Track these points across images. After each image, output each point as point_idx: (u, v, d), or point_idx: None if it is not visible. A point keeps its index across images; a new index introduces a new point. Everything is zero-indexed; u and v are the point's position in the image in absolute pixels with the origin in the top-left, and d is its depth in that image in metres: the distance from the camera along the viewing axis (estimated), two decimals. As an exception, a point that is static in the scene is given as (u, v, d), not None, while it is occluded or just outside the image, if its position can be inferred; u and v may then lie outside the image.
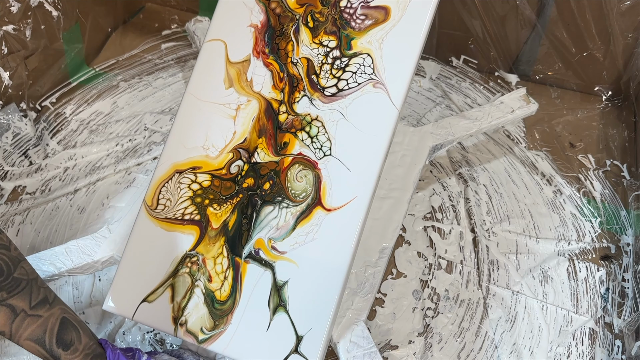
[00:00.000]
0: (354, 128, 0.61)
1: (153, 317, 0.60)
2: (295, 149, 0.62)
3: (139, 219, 0.63)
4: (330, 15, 0.64)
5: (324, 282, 0.59)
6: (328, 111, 0.62)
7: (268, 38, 0.65)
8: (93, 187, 0.87)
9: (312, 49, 0.64)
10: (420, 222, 0.83)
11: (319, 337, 0.57)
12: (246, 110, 0.64)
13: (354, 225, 0.59)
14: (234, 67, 0.65)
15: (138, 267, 0.62)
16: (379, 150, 0.60)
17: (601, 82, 1.00)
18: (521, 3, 0.95)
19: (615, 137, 0.95)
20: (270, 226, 0.62)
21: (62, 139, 0.93)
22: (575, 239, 0.81)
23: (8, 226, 0.81)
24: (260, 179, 0.62)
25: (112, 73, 1.05)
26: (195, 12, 1.16)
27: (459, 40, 1.03)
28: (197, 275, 0.61)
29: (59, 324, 0.51)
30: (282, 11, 0.66)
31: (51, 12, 0.95)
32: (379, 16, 0.63)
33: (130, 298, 0.61)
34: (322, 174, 0.61)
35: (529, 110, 0.85)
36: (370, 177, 0.60)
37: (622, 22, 0.92)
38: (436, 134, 0.80)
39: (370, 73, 0.62)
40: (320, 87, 0.63)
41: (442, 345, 0.71)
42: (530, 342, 0.71)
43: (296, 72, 0.64)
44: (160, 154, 0.65)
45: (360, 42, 0.63)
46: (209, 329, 0.59)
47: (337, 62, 0.63)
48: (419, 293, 0.75)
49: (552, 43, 0.98)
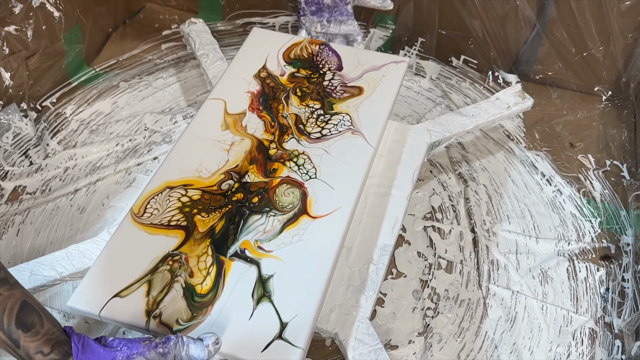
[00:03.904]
0: (336, 160, 0.70)
1: (123, 312, 0.56)
2: (284, 174, 0.68)
3: (123, 224, 0.63)
4: (315, 89, 0.79)
5: (310, 275, 0.59)
6: (313, 149, 0.71)
7: (262, 100, 0.77)
8: (93, 187, 0.87)
9: (300, 109, 0.76)
10: (420, 222, 0.83)
11: (305, 323, 0.56)
12: (239, 145, 0.71)
13: (338, 228, 0.63)
14: (231, 117, 0.75)
15: (113, 266, 0.59)
16: (359, 173, 0.69)
17: (601, 82, 1.00)
18: (521, 3, 0.95)
19: (615, 137, 0.95)
20: (258, 230, 0.63)
21: (63, 139, 0.93)
22: (575, 239, 0.81)
23: (8, 226, 0.81)
24: (250, 194, 0.66)
25: (113, 73, 1.05)
26: (195, 12, 1.16)
27: (459, 40, 1.03)
28: (178, 272, 0.59)
29: (20, 305, 0.47)
30: (275, 85, 0.80)
31: (53, 13, 0.95)
32: (354, 92, 0.79)
33: (99, 295, 0.57)
34: (308, 191, 0.67)
35: (524, 106, 0.86)
36: (352, 192, 0.67)
37: (622, 22, 0.92)
38: (434, 131, 0.80)
39: (349, 125, 0.74)
40: (306, 132, 0.73)
41: (442, 345, 0.71)
42: (530, 342, 0.71)
43: (286, 122, 0.74)
44: (153, 173, 0.69)
45: (340, 106, 0.77)
46: (186, 320, 0.56)
47: (321, 117, 0.75)
48: (419, 293, 0.75)
49: (552, 43, 0.98)
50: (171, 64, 1.07)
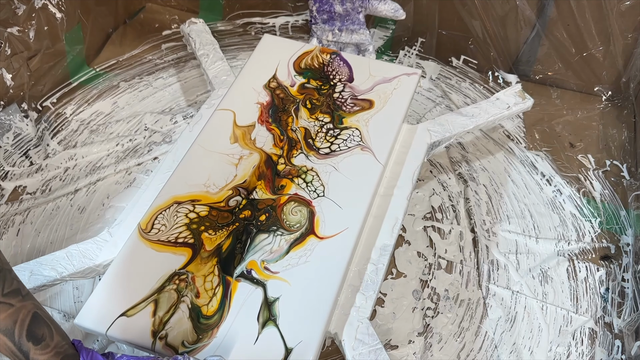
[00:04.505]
0: (344, 177, 0.70)
1: (130, 332, 0.56)
2: (292, 191, 0.68)
3: (130, 240, 0.63)
4: (325, 101, 0.78)
5: (316, 298, 0.59)
6: (322, 165, 0.71)
7: (272, 112, 0.77)
8: (93, 187, 0.87)
9: (309, 122, 0.76)
10: (420, 222, 0.83)
11: (309, 349, 0.56)
12: (248, 160, 0.71)
13: (345, 250, 0.63)
14: (240, 129, 0.75)
15: (120, 283, 0.59)
16: (367, 192, 0.69)
17: (601, 82, 1.00)
18: (521, 3, 0.95)
19: (615, 137, 0.95)
20: (264, 250, 0.63)
21: (63, 139, 0.94)
22: (575, 239, 0.81)
23: (8, 226, 0.82)
24: (257, 211, 0.66)
25: (113, 73, 1.05)
26: (196, 12, 1.16)
27: (459, 40, 1.03)
28: (184, 292, 0.59)
29: (31, 317, 0.47)
30: (285, 96, 0.79)
31: (55, 14, 0.95)
32: (365, 105, 0.78)
33: (106, 313, 0.57)
34: (315, 210, 0.67)
35: (524, 106, 0.86)
36: (360, 212, 0.67)
37: (622, 22, 0.92)
38: (433, 131, 0.80)
39: (358, 141, 0.74)
40: (315, 147, 0.73)
41: (442, 345, 0.71)
42: (530, 342, 0.71)
43: (295, 136, 0.74)
44: (161, 188, 0.69)
45: (350, 120, 0.76)
46: (191, 342, 0.56)
47: (330, 132, 0.75)
48: (418, 293, 0.75)
49: (552, 43, 0.98)
50: (171, 64, 1.07)
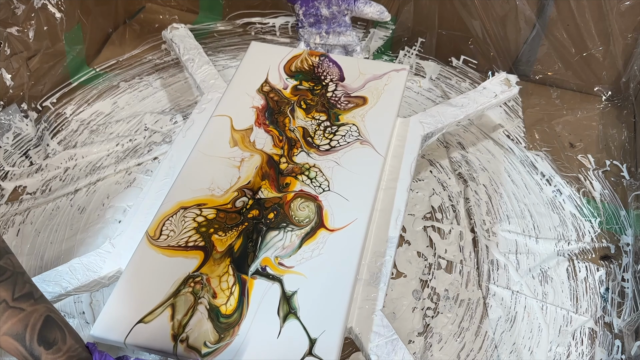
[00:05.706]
0: (347, 171, 0.70)
1: (149, 338, 0.55)
2: (297, 188, 0.68)
3: (140, 248, 0.62)
4: (320, 101, 0.78)
5: (334, 288, 0.59)
6: (324, 161, 0.71)
7: (268, 115, 0.77)
8: (93, 187, 0.87)
9: (306, 121, 0.76)
10: (420, 222, 0.83)
11: (334, 338, 0.56)
12: (250, 161, 0.71)
13: (357, 239, 0.64)
14: (238, 133, 0.74)
15: (133, 291, 0.59)
16: (372, 183, 0.69)
17: (601, 82, 1.00)
18: (521, 3, 0.95)
19: (615, 137, 0.95)
20: (276, 247, 0.63)
21: (63, 139, 0.94)
22: (574, 239, 0.81)
23: (8, 226, 0.82)
24: (265, 210, 0.66)
25: (113, 73, 1.05)
26: (196, 12, 1.16)
27: (459, 40, 1.03)
28: (201, 294, 0.58)
29: (43, 321, 0.47)
30: (279, 99, 0.79)
31: (54, 14, 0.95)
32: (358, 102, 0.78)
33: (123, 322, 0.56)
34: (323, 204, 0.67)
35: (511, 94, 0.87)
36: (367, 203, 0.67)
37: (622, 22, 0.92)
38: (425, 123, 0.81)
39: (357, 136, 0.74)
40: (315, 145, 0.73)
41: (442, 345, 0.71)
42: (530, 342, 0.71)
43: (294, 136, 0.74)
44: (159, 196, 0.69)
45: (346, 117, 0.76)
46: (214, 342, 0.55)
47: (328, 129, 0.75)
48: (418, 293, 0.75)
49: (552, 43, 0.98)
50: (171, 64, 1.07)
